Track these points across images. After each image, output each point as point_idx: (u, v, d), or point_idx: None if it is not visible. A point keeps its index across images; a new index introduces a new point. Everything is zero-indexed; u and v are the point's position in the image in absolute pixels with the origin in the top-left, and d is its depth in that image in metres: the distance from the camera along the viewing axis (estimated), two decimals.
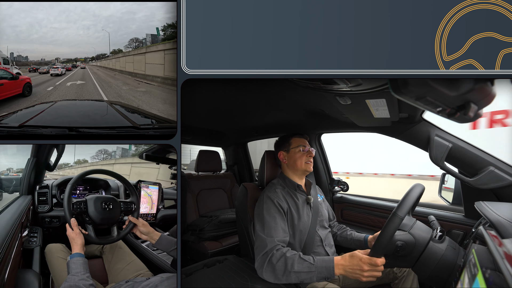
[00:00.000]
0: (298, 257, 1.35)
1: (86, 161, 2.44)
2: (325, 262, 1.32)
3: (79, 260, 1.34)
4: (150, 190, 2.31)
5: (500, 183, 1.48)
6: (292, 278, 1.33)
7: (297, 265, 1.32)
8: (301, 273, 1.31)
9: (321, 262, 1.32)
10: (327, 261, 1.32)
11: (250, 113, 2.30)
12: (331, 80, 1.35)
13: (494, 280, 0.76)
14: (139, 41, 1.38)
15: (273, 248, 1.39)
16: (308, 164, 1.68)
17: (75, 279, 1.26)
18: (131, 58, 1.43)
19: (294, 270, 1.32)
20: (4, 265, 1.22)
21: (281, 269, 1.34)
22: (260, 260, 1.40)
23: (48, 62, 1.42)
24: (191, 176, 2.87)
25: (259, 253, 1.42)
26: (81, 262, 1.33)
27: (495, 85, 1.20)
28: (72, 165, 2.41)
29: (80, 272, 1.29)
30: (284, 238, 1.47)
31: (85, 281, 1.27)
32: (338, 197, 2.59)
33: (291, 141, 1.71)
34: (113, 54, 1.41)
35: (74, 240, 1.41)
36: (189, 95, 1.32)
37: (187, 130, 2.70)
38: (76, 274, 1.28)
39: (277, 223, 1.48)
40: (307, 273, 1.31)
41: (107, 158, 2.57)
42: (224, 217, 2.51)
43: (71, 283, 1.24)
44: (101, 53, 1.41)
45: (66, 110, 1.38)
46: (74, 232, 1.43)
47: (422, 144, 1.71)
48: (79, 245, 1.41)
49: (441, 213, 1.92)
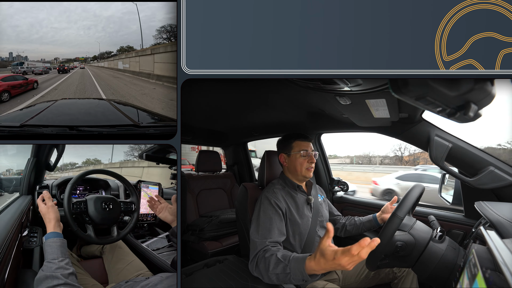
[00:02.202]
0: (275, 257, 1.26)
1: (98, 161, 2.43)
2: (298, 263, 1.17)
3: (56, 242, 1.11)
4: (150, 190, 2.31)
5: (500, 183, 1.49)
6: (274, 279, 1.26)
7: (273, 266, 1.25)
8: (279, 274, 1.23)
9: (294, 263, 1.19)
10: (300, 261, 1.17)
11: (250, 113, 2.31)
12: (331, 80, 1.35)
13: (494, 280, 0.76)
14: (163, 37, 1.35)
15: (261, 249, 1.36)
16: (308, 170, 1.64)
17: (51, 268, 1.06)
18: (136, 58, 1.43)
19: (272, 272, 1.25)
20: (4, 265, 1.21)
21: (263, 270, 1.29)
22: (252, 262, 1.39)
23: (48, 62, 1.42)
24: (191, 176, 2.87)
25: (251, 254, 1.41)
26: (58, 244, 1.11)
27: (495, 85, 1.20)
28: (80, 165, 2.40)
29: (58, 258, 1.08)
30: (278, 238, 1.44)
31: (64, 269, 1.06)
32: (338, 197, 2.60)
33: (293, 145, 1.67)
34: (121, 51, 1.40)
35: (47, 215, 1.19)
36: (189, 95, 1.32)
37: (187, 130, 2.70)
38: (53, 262, 1.07)
39: (272, 223, 1.47)
40: (284, 274, 1.21)
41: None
42: (224, 217, 2.52)
43: (47, 272, 1.04)
44: (99, 53, 1.41)
45: (66, 108, 1.38)
46: (47, 205, 1.21)
47: (422, 144, 1.71)
48: (54, 221, 1.17)
49: (441, 213, 1.93)
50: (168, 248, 2.13)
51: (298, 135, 1.70)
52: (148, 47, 1.39)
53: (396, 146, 12.97)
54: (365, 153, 14.27)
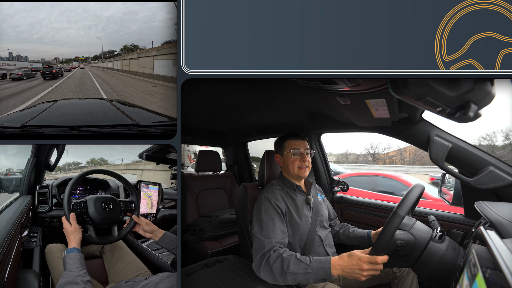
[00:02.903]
0: (295, 257, 1.32)
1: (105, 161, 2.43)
2: (322, 263, 1.28)
3: (76, 256, 1.30)
4: (150, 190, 2.31)
5: (500, 183, 1.49)
6: (289, 279, 1.31)
7: (293, 266, 1.30)
8: (298, 274, 1.29)
9: (317, 263, 1.29)
10: (323, 262, 1.28)
11: (250, 113, 2.31)
12: (331, 80, 1.35)
13: (494, 280, 0.76)
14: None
15: (270, 249, 1.38)
16: (301, 169, 1.63)
17: (72, 275, 1.23)
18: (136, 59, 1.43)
19: (290, 271, 1.30)
20: (4, 265, 1.22)
21: (278, 270, 1.33)
22: (258, 261, 1.39)
23: (47, 62, 1.42)
24: (191, 176, 2.87)
25: (257, 254, 1.41)
26: (78, 257, 1.30)
27: (495, 85, 1.20)
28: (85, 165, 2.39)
29: (77, 268, 1.26)
30: (283, 239, 1.46)
31: (82, 277, 1.24)
32: (338, 197, 2.60)
33: (285, 144, 1.67)
34: (124, 51, 1.40)
35: (72, 234, 1.38)
36: (189, 95, 1.32)
37: (187, 130, 2.70)
38: (73, 270, 1.25)
39: (275, 224, 1.48)
40: (304, 274, 1.28)
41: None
42: (224, 217, 2.52)
43: (68, 279, 1.22)
44: (100, 53, 1.41)
45: (67, 108, 1.38)
46: (73, 226, 1.39)
47: (422, 144, 1.71)
48: (77, 240, 1.37)
49: (441, 213, 1.93)
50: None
51: (290, 134, 1.69)
52: (150, 48, 1.39)
53: (368, 145, 13.14)
54: (344, 152, 14.45)
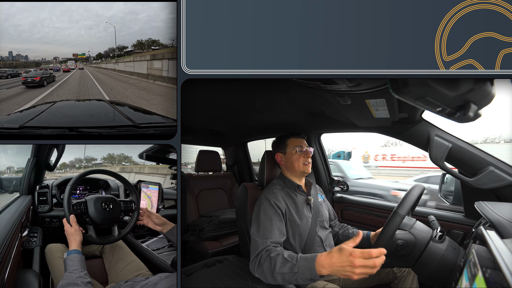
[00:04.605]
0: (281, 257, 1.27)
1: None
2: (307, 262, 1.18)
3: (77, 257, 1.31)
4: (150, 190, 2.32)
5: (500, 183, 1.49)
6: (278, 279, 1.26)
7: (280, 265, 1.25)
8: (285, 274, 1.23)
9: (303, 261, 1.20)
10: (309, 260, 1.18)
11: (250, 113, 2.31)
12: (331, 80, 1.35)
13: (494, 280, 0.76)
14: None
15: (263, 249, 1.37)
16: (306, 165, 1.65)
17: (72, 277, 1.24)
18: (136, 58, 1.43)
19: (277, 271, 1.25)
20: (4, 265, 1.22)
21: (268, 270, 1.29)
22: (253, 262, 1.38)
23: (48, 61, 1.42)
24: (191, 176, 2.87)
25: (252, 255, 1.41)
26: (78, 259, 1.31)
27: (495, 85, 1.20)
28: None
29: (78, 269, 1.27)
30: (279, 239, 1.45)
31: (83, 278, 1.24)
32: (338, 197, 2.60)
33: (287, 142, 1.68)
34: (136, 47, 1.39)
35: (73, 236, 1.39)
36: (189, 95, 1.32)
37: (187, 130, 2.70)
38: (74, 272, 1.26)
39: (272, 224, 1.47)
40: (290, 274, 1.22)
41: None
42: (224, 217, 2.52)
43: (69, 280, 1.22)
44: (97, 53, 1.41)
45: (66, 109, 1.38)
46: (73, 228, 1.41)
47: (422, 144, 1.71)
48: (77, 242, 1.38)
49: (441, 213, 1.93)
50: (168, 248, 2.13)
51: (291, 133, 1.72)
52: (149, 49, 1.39)
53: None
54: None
